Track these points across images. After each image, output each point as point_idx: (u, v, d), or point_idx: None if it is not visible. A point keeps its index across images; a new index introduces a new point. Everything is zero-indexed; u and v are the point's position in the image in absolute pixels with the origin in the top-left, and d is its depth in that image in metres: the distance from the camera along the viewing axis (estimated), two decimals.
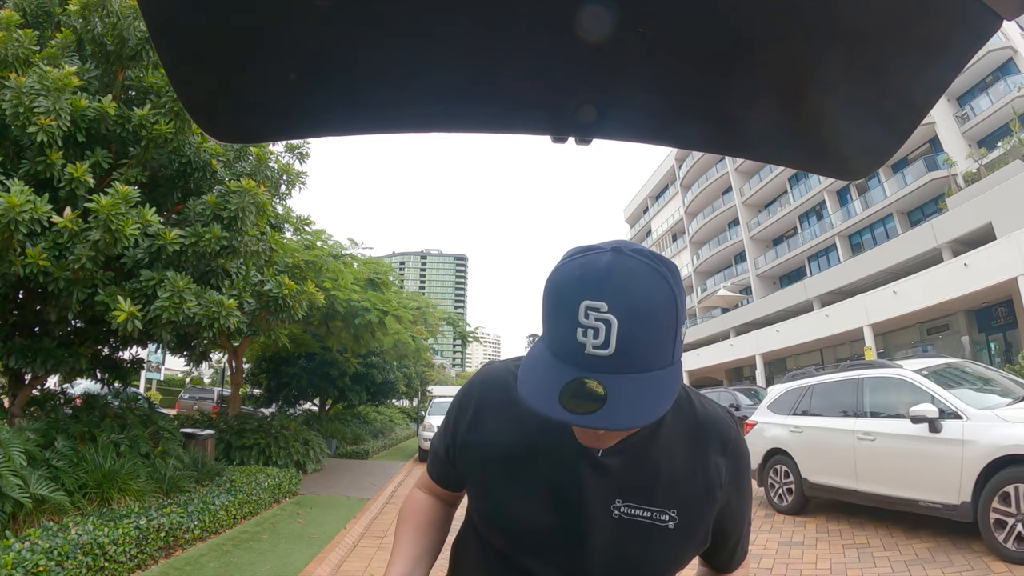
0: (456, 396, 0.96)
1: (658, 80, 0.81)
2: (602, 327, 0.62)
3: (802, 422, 6.64)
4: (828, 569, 4.53)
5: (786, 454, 6.74)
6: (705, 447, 0.85)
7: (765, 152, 1.02)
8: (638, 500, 0.82)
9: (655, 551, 0.82)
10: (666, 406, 0.65)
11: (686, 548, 0.85)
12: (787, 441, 6.77)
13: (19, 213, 4.27)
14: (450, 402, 0.99)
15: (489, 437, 0.87)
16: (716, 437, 0.86)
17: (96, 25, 5.39)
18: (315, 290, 7.09)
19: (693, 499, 0.83)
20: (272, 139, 1.08)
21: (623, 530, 0.81)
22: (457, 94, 0.83)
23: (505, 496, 0.85)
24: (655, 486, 0.82)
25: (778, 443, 6.89)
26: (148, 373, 31.19)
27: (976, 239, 15.66)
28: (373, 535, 6.27)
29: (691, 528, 0.83)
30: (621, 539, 0.81)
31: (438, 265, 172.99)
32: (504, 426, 0.86)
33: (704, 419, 0.87)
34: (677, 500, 0.82)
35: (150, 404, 8.85)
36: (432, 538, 1.00)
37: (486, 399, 0.90)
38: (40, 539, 3.63)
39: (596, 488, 0.81)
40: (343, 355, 14.66)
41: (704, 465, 0.84)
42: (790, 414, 6.89)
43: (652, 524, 0.81)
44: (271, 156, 7.36)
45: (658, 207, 48.09)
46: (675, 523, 0.82)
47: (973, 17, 0.62)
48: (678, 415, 0.86)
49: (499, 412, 0.88)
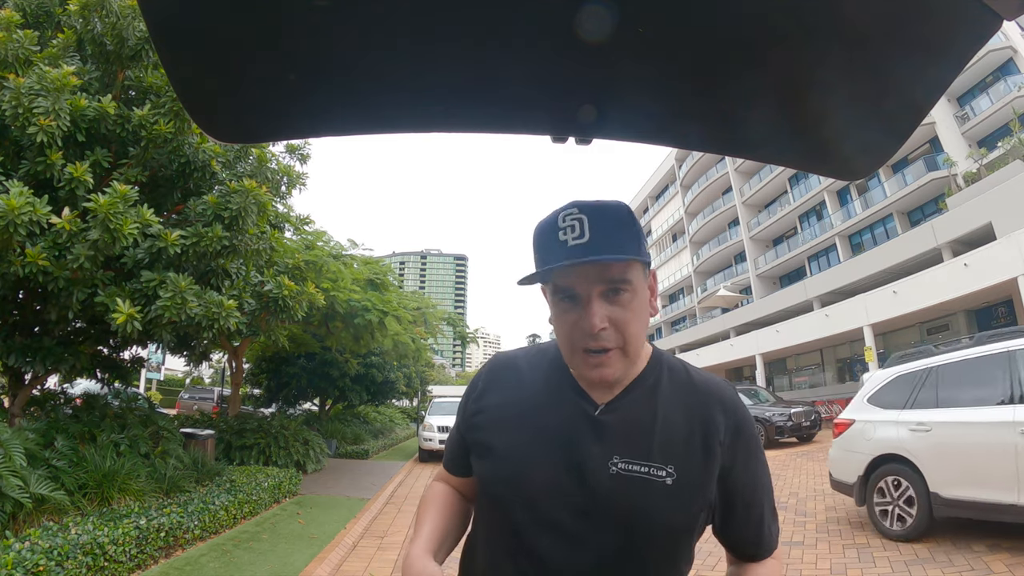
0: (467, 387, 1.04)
1: (658, 80, 0.81)
2: (576, 223, 0.81)
3: (928, 416, 5.00)
4: (828, 569, 4.53)
5: (904, 461, 5.09)
6: (702, 407, 0.88)
7: (765, 152, 1.02)
8: (635, 456, 0.84)
9: (653, 505, 0.82)
10: (634, 255, 0.81)
11: (687, 505, 0.84)
12: (905, 444, 5.10)
13: (18, 215, 4.27)
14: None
15: (496, 402, 0.94)
16: (714, 397, 0.89)
17: (96, 25, 5.39)
18: (315, 291, 7.09)
19: (691, 455, 0.85)
20: (272, 139, 1.08)
21: (621, 485, 0.83)
22: (457, 94, 0.83)
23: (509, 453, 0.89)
24: (652, 443, 0.85)
25: (891, 447, 5.25)
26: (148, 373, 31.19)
27: (976, 239, 15.67)
28: (373, 535, 6.27)
29: (690, 485, 0.84)
30: (619, 494, 0.83)
31: (438, 265, 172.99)
32: (509, 392, 0.94)
33: (700, 383, 0.91)
34: (674, 456, 0.84)
35: (150, 404, 8.85)
36: (453, 522, 1.01)
37: (493, 373, 0.99)
38: (40, 539, 3.63)
39: (594, 445, 0.85)
40: (343, 355, 14.67)
41: (702, 423, 0.87)
42: (906, 407, 5.28)
43: (649, 479, 0.83)
44: (272, 158, 7.37)
45: (658, 207, 48.09)
46: (672, 479, 0.83)
47: (973, 17, 0.62)
48: (675, 380, 0.91)
49: (505, 382, 0.96)
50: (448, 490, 1.05)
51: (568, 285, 0.83)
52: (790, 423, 13.66)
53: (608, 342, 0.82)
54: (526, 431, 0.89)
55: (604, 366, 0.83)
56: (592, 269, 0.81)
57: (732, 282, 35.14)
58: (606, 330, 0.82)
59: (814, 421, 14.25)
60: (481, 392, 0.98)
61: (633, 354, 0.86)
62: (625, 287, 0.82)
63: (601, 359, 0.83)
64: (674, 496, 0.83)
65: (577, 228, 0.80)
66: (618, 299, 0.82)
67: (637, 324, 0.84)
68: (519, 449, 0.88)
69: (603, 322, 0.81)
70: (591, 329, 0.81)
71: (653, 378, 0.91)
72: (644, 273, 0.86)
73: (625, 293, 0.83)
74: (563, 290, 0.84)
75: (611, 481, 0.83)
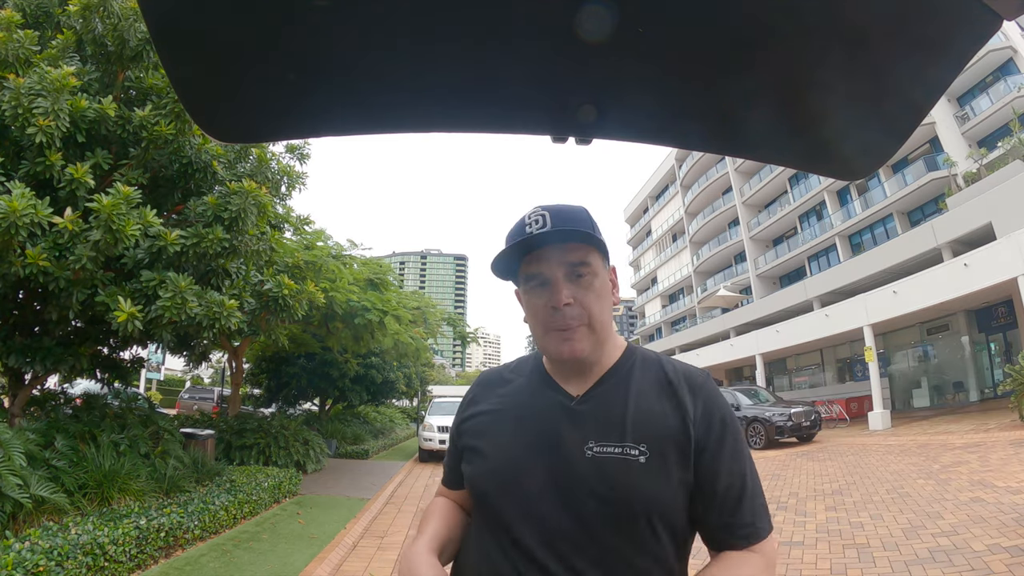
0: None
1: (658, 80, 0.81)
2: (540, 218, 0.92)
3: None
4: (828, 569, 4.53)
5: None
6: (674, 389, 0.93)
7: (765, 152, 1.02)
8: (608, 439, 0.89)
9: (628, 483, 0.85)
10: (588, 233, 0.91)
11: (662, 480, 0.86)
12: None
13: (19, 217, 4.27)
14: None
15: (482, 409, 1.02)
16: (685, 382, 0.94)
17: (96, 26, 5.39)
18: (315, 289, 7.09)
19: (663, 435, 0.89)
20: (272, 139, 1.08)
21: (596, 467, 0.87)
22: (457, 94, 0.83)
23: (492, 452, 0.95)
24: (624, 426, 0.89)
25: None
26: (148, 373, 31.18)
27: (976, 239, 15.65)
28: (373, 535, 6.27)
29: (664, 463, 0.87)
30: (595, 475, 0.87)
31: (438, 265, 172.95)
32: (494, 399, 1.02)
33: (673, 371, 0.96)
34: (646, 436, 0.88)
35: (150, 404, 8.84)
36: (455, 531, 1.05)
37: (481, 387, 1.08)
38: (40, 539, 3.63)
39: (570, 433, 0.90)
40: (343, 355, 14.66)
41: (674, 404, 0.91)
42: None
43: (623, 459, 0.87)
44: (272, 158, 7.37)
45: (658, 207, 48.06)
46: (645, 457, 0.87)
47: (973, 17, 0.62)
48: (647, 368, 0.97)
49: (492, 389, 1.04)
50: (449, 502, 1.09)
51: (535, 271, 0.93)
52: (790, 423, 13.66)
53: (573, 319, 0.91)
54: (507, 429, 0.96)
55: (573, 340, 0.91)
56: (554, 252, 0.92)
57: (732, 282, 35.13)
58: (571, 306, 0.91)
59: (814, 421, 14.25)
60: (469, 404, 1.06)
61: (599, 331, 0.93)
62: (585, 270, 0.92)
63: (569, 334, 0.91)
64: (648, 472, 0.86)
65: (540, 221, 0.92)
66: (580, 281, 0.92)
67: (600, 304, 0.93)
68: (501, 446, 0.95)
69: (568, 298, 0.90)
70: (558, 303, 0.90)
71: (626, 368, 0.97)
72: (604, 263, 0.96)
73: (586, 276, 0.92)
74: (532, 277, 0.94)
75: (587, 464, 0.87)
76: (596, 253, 0.94)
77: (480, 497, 0.96)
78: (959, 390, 18.90)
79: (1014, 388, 11.34)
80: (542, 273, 0.92)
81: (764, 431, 13.71)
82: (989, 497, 6.09)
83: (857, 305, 17.88)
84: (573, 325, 0.91)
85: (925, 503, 6.23)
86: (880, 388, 16.71)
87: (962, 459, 8.82)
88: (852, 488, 7.62)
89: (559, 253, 0.92)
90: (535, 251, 0.92)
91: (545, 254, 0.92)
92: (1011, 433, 10.52)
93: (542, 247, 0.92)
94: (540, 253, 0.92)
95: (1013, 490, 6.28)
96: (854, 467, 9.44)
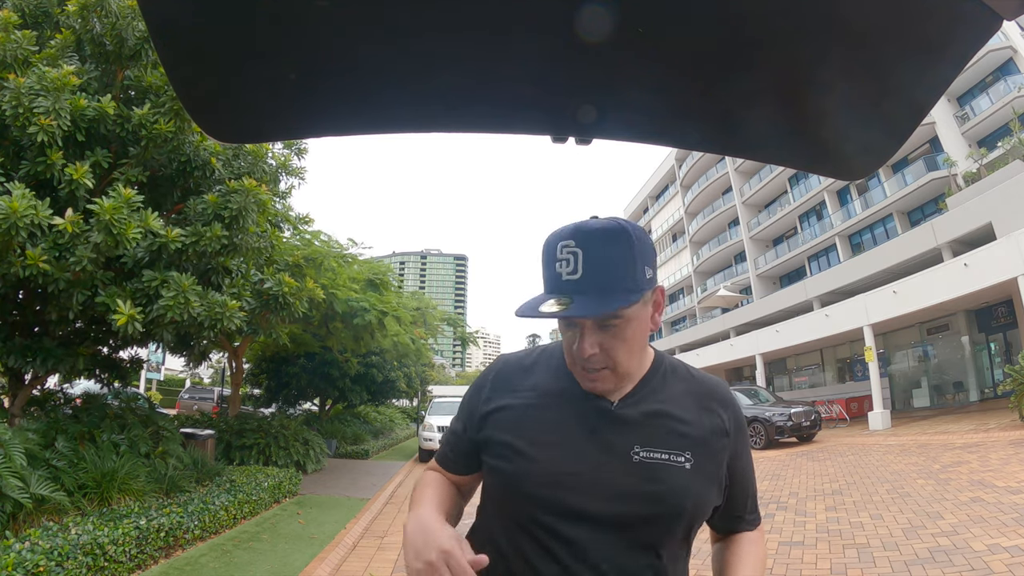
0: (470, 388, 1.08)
1: (658, 80, 0.81)
2: (571, 257, 0.84)
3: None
4: (828, 569, 4.53)
5: None
6: (708, 402, 0.99)
7: (765, 152, 1.02)
8: (655, 445, 0.92)
9: (679, 487, 0.90)
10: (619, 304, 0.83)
11: (707, 488, 0.94)
12: None
13: (20, 217, 4.27)
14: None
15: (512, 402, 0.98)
16: (716, 394, 1.00)
17: (95, 25, 5.39)
18: (314, 286, 7.09)
19: (704, 444, 0.94)
20: (272, 139, 1.08)
21: (645, 471, 0.90)
22: (457, 94, 0.83)
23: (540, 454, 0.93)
24: (669, 433, 0.93)
25: None
26: (148, 373, 31.16)
27: (976, 239, 15.64)
28: (373, 535, 6.27)
29: (707, 470, 0.93)
30: (645, 479, 0.90)
31: (438, 265, 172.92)
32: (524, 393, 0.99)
33: (703, 381, 1.02)
34: (690, 444, 0.93)
35: (150, 404, 8.85)
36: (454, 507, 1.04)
37: (502, 375, 1.03)
38: (40, 539, 3.63)
39: (616, 437, 0.92)
40: (343, 355, 14.65)
41: (710, 416, 0.97)
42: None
43: (671, 464, 0.91)
44: (267, 152, 7.36)
45: (658, 207, 48.05)
46: (691, 464, 0.92)
47: (973, 17, 0.62)
48: (679, 378, 1.00)
49: (517, 383, 1.01)
50: (445, 479, 1.07)
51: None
52: (790, 423, 13.65)
53: (598, 364, 0.90)
54: (548, 428, 0.95)
55: (596, 381, 0.92)
56: None
57: (732, 282, 35.11)
58: (596, 355, 0.89)
59: (814, 421, 14.24)
60: (491, 392, 1.02)
61: (623, 372, 0.92)
62: (616, 321, 0.88)
63: (593, 376, 0.91)
64: (694, 479, 0.92)
65: (571, 263, 0.84)
66: (609, 331, 0.89)
67: (628, 349, 0.91)
68: (546, 446, 0.93)
69: (593, 348, 0.88)
70: (581, 354, 0.89)
71: (659, 377, 0.99)
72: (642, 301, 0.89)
73: (616, 326, 0.88)
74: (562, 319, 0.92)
75: (637, 468, 0.90)
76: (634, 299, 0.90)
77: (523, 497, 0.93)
78: (959, 390, 18.90)
79: (1014, 388, 11.34)
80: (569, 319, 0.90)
81: (764, 431, 13.71)
82: (989, 497, 6.09)
83: (857, 305, 17.87)
84: (596, 369, 0.90)
85: (925, 503, 6.23)
86: (880, 388, 16.71)
87: (962, 459, 8.82)
88: (852, 488, 7.62)
89: None
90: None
91: None
92: (1011, 433, 10.52)
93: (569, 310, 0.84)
94: None
95: (1013, 490, 6.28)
96: (854, 467, 9.44)
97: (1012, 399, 11.62)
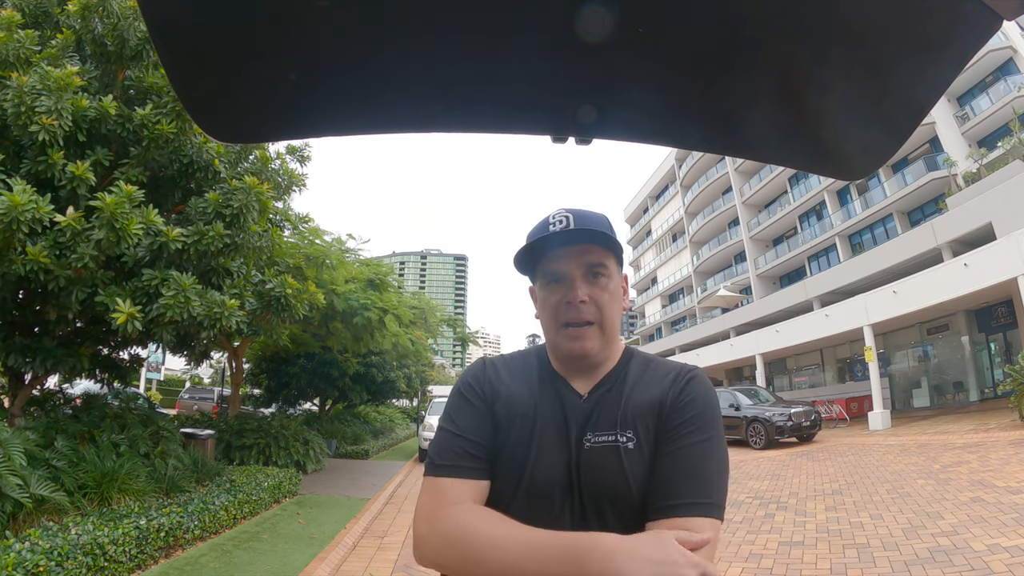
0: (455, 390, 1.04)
1: (658, 80, 0.81)
2: (564, 218, 0.96)
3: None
4: (828, 569, 4.53)
5: None
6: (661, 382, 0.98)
7: (765, 152, 1.02)
8: (605, 429, 0.93)
9: (619, 467, 0.90)
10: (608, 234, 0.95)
11: (649, 465, 0.90)
12: None
13: (21, 213, 4.27)
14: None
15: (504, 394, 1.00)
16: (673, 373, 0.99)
17: (96, 26, 5.39)
18: (315, 289, 7.10)
19: (645, 420, 0.94)
20: (272, 139, 1.08)
21: (593, 455, 0.92)
22: (457, 94, 0.83)
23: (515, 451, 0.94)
24: (617, 417, 0.94)
25: None
26: (148, 373, 31.17)
27: (976, 239, 15.64)
28: (373, 535, 6.27)
29: (649, 447, 0.92)
30: (591, 463, 0.91)
31: (438, 265, 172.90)
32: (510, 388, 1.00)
33: (663, 365, 1.02)
34: (634, 423, 0.93)
35: (150, 404, 8.85)
36: None
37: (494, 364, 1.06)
38: (40, 539, 3.63)
39: (576, 426, 0.95)
40: (343, 355, 14.64)
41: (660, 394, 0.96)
42: None
43: (616, 446, 0.92)
44: (276, 158, 7.39)
45: (658, 207, 48.05)
46: (633, 443, 0.92)
47: (973, 17, 0.62)
48: (645, 367, 1.01)
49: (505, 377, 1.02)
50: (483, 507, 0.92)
51: (554, 268, 0.97)
52: (790, 423, 13.65)
53: (588, 315, 0.95)
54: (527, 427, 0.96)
55: (583, 339, 0.95)
56: (574, 251, 0.95)
57: (732, 282, 35.12)
58: (586, 303, 0.94)
59: (814, 421, 14.25)
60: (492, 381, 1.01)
61: (609, 332, 0.97)
62: (603, 271, 0.96)
63: (580, 331, 0.95)
64: (636, 457, 0.90)
65: (564, 221, 0.96)
66: (597, 281, 0.96)
67: (612, 306, 0.97)
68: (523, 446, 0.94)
69: (584, 296, 0.94)
70: (574, 300, 0.94)
71: (626, 368, 1.01)
72: (618, 268, 1.00)
73: (603, 277, 0.96)
74: (550, 273, 0.98)
75: (586, 454, 0.92)
76: (613, 258, 0.99)
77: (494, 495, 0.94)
78: (959, 390, 18.90)
79: (1014, 388, 11.34)
80: (560, 270, 0.96)
81: (764, 431, 13.71)
82: (989, 497, 6.09)
83: (857, 305, 17.87)
84: (583, 322, 0.94)
85: (925, 503, 6.23)
86: (880, 388, 16.71)
87: (962, 459, 8.82)
88: (852, 488, 7.62)
89: (579, 253, 0.96)
90: (556, 249, 0.96)
91: (566, 253, 0.96)
92: (1011, 433, 10.52)
93: (565, 246, 0.96)
94: (561, 251, 0.96)
95: (1013, 490, 6.28)
96: (854, 467, 9.44)
97: (1012, 399, 11.62)
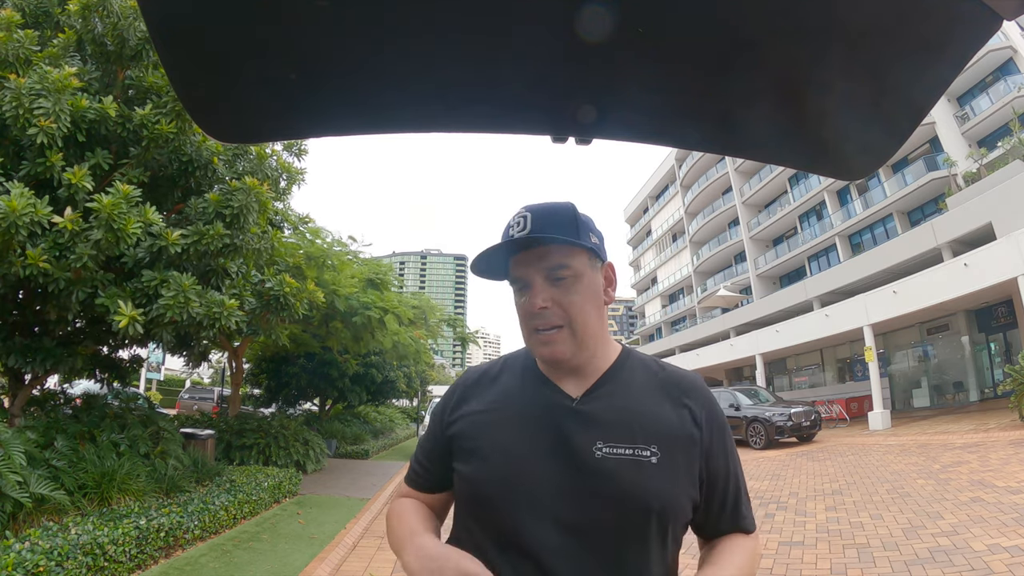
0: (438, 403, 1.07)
1: (658, 80, 0.81)
2: (522, 220, 0.91)
3: None
4: (828, 569, 4.53)
5: None
6: (675, 395, 0.95)
7: (765, 152, 1.02)
8: (618, 440, 0.88)
9: (643, 482, 0.86)
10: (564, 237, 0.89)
11: (675, 481, 0.88)
12: None
13: (19, 216, 4.27)
14: None
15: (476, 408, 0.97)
16: (684, 386, 0.96)
17: (96, 26, 5.39)
18: (315, 288, 7.10)
19: (672, 438, 0.90)
20: (272, 139, 1.08)
21: (608, 467, 0.87)
22: (457, 94, 0.83)
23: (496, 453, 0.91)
24: (633, 426, 0.89)
25: None
26: (148, 373, 31.17)
27: (976, 239, 15.64)
28: (373, 535, 6.27)
29: (675, 465, 0.88)
30: (608, 475, 0.86)
31: (438, 265, 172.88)
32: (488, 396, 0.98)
33: (671, 374, 0.98)
34: (656, 438, 0.89)
35: (150, 404, 8.85)
36: (434, 523, 1.00)
37: (468, 381, 1.03)
38: (40, 539, 3.63)
39: (576, 434, 0.89)
40: (343, 355, 14.64)
41: (677, 409, 0.93)
42: None
43: (636, 459, 0.87)
44: (272, 154, 7.37)
45: (658, 207, 48.05)
46: (657, 458, 0.87)
47: (973, 17, 0.62)
48: (647, 371, 0.98)
49: (482, 388, 1.00)
50: (419, 504, 1.04)
51: (517, 275, 0.93)
52: (790, 423, 13.66)
53: (554, 319, 0.90)
54: (507, 429, 0.93)
55: (553, 343, 0.90)
56: (532, 256, 0.91)
57: (732, 282, 35.11)
58: (547, 309, 0.90)
59: (814, 421, 14.25)
60: (458, 402, 1.01)
61: (582, 334, 0.91)
62: (565, 272, 0.91)
63: (549, 336, 0.90)
64: (661, 473, 0.87)
65: (522, 223, 0.91)
66: (561, 283, 0.91)
67: (582, 306, 0.91)
68: (506, 448, 0.91)
69: (545, 302, 0.90)
70: (533, 308, 0.90)
71: (625, 370, 0.97)
72: (591, 262, 0.94)
73: (567, 278, 0.91)
74: (516, 280, 0.94)
75: (598, 464, 0.87)
76: (580, 253, 0.93)
77: (480, 501, 0.91)
78: (959, 390, 18.90)
79: (1014, 388, 11.34)
80: (521, 276, 0.93)
81: (764, 431, 13.71)
82: (989, 497, 6.09)
83: (857, 305, 17.87)
84: (550, 327, 0.90)
85: (925, 503, 6.23)
86: (880, 388, 16.71)
87: (962, 459, 8.82)
88: (852, 488, 7.62)
89: (536, 258, 0.91)
90: (516, 255, 0.92)
91: (524, 259, 0.92)
92: (1011, 433, 10.52)
93: (519, 252, 0.92)
94: (521, 257, 0.92)
95: (1013, 490, 6.28)
96: (854, 467, 9.44)
97: (1012, 399, 11.61)
